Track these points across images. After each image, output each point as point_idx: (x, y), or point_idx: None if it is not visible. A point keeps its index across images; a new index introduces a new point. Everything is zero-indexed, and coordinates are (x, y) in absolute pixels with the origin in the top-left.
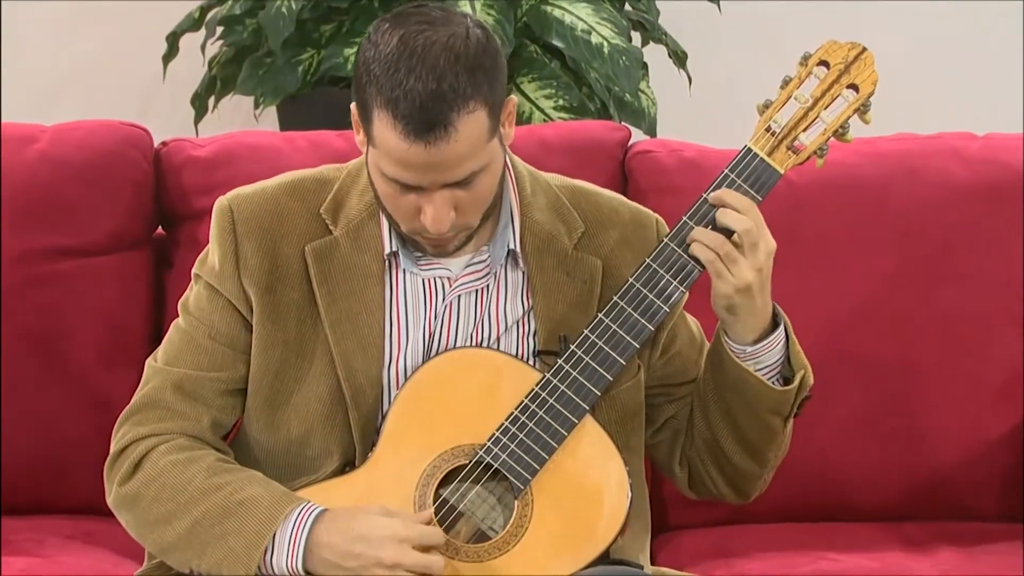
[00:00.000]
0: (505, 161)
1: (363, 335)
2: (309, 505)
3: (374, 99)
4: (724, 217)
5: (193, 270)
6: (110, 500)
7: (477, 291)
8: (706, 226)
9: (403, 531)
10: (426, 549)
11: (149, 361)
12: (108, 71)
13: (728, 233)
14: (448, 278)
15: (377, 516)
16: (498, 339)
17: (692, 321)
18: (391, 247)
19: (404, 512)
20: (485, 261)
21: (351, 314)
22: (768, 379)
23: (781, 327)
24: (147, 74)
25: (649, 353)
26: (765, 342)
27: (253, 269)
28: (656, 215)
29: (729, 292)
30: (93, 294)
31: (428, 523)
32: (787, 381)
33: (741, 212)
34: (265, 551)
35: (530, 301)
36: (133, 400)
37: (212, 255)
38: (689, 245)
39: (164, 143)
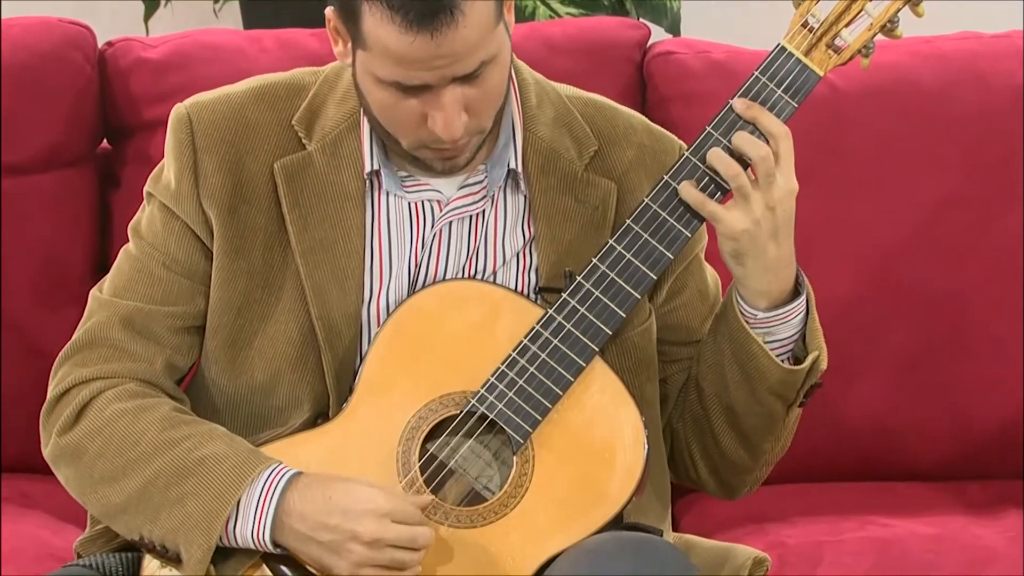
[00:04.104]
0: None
1: (339, 266)
2: (280, 467)
3: None
4: (740, 141)
5: (146, 188)
6: (47, 452)
7: (471, 217)
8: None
9: (386, 504)
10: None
11: (94, 292)
12: None
13: (745, 162)
14: (438, 201)
15: (357, 485)
16: (494, 273)
17: (710, 273)
18: (372, 165)
19: (389, 486)
20: (482, 182)
21: (326, 242)
22: (777, 355)
23: (803, 297)
24: None
25: (653, 295)
26: (782, 310)
27: (214, 188)
28: (680, 141)
29: (735, 231)
30: (27, 219)
31: (421, 506)
32: (798, 362)
33: (772, 135)
34: (228, 519)
35: (532, 230)
36: (75, 336)
37: (167, 171)
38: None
39: (109, 43)
